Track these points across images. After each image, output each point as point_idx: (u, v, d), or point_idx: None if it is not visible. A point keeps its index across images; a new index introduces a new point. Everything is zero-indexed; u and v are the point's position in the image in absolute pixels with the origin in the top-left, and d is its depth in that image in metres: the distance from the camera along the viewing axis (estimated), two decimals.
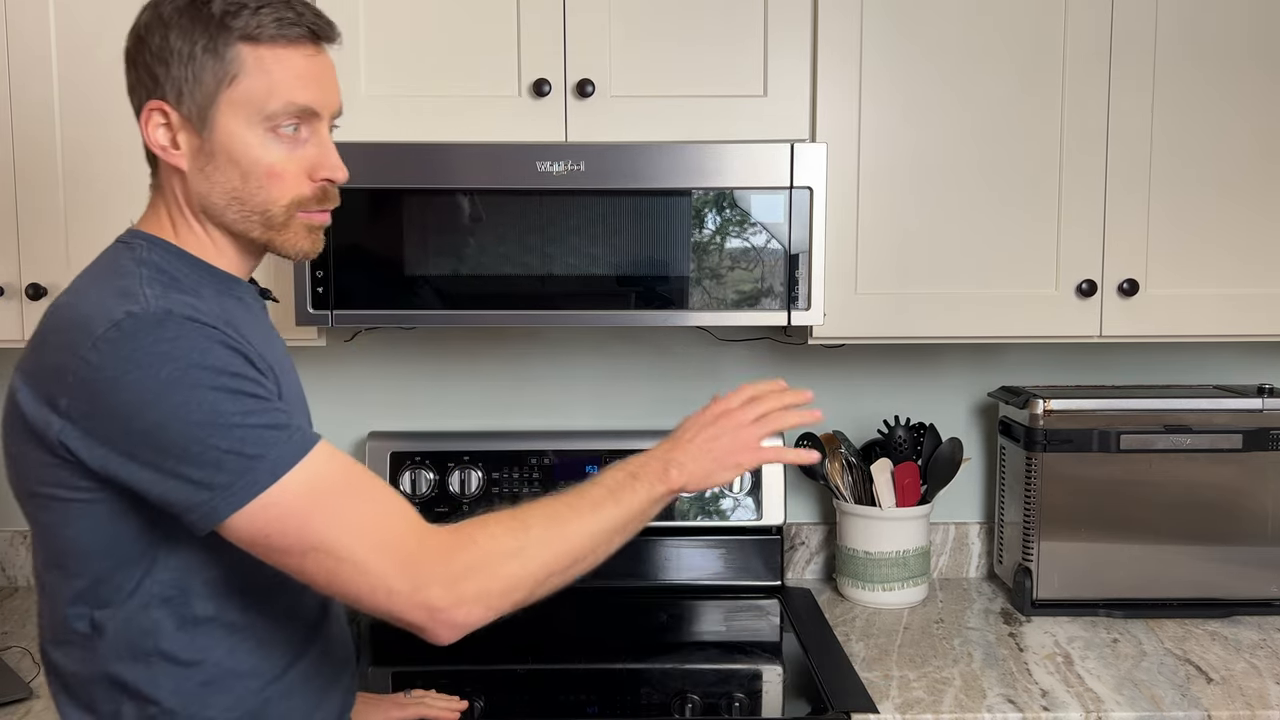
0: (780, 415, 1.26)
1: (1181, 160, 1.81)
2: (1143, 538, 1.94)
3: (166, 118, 1.11)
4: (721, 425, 1.24)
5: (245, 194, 1.13)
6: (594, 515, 1.15)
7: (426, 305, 1.74)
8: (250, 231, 1.15)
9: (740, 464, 1.25)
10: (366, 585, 1.06)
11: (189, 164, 1.12)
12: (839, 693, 1.61)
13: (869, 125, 1.80)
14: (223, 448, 1.02)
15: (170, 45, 1.09)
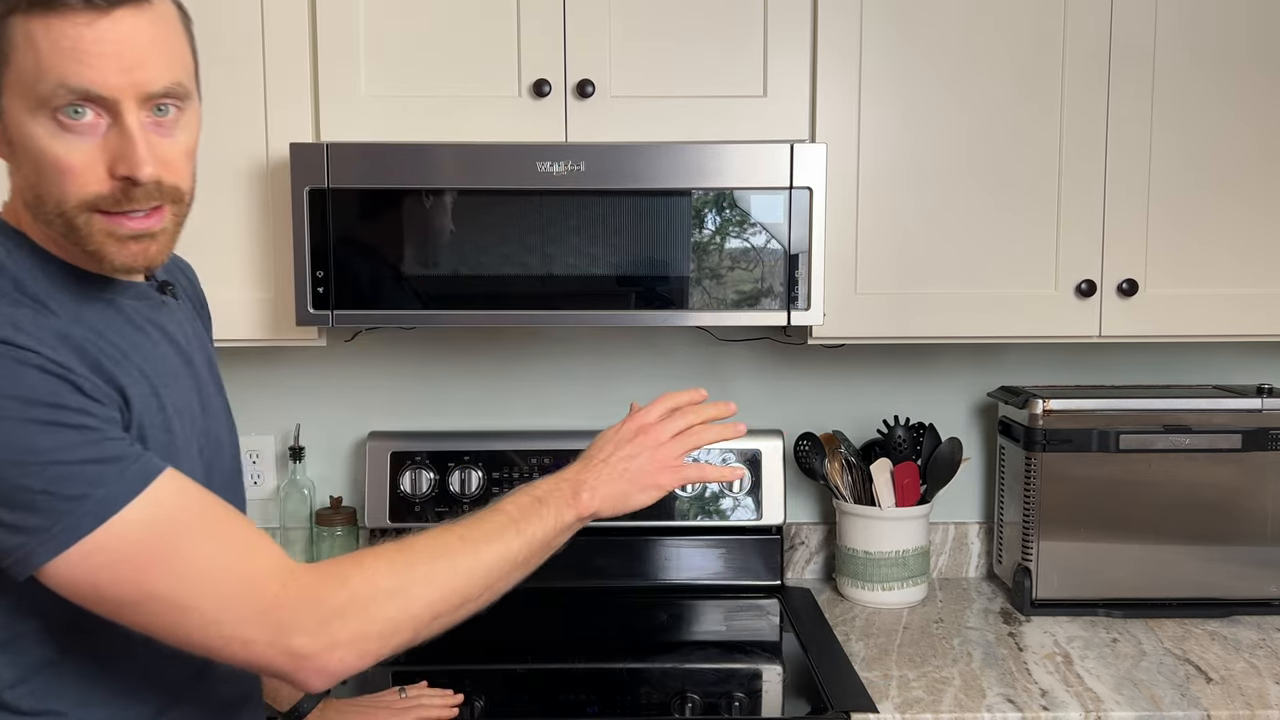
0: (701, 431, 1.19)
1: (1180, 160, 1.82)
2: (1142, 537, 1.94)
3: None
4: (639, 443, 1.17)
5: (42, 190, 0.97)
6: (489, 547, 1.06)
7: (427, 305, 1.74)
8: (67, 236, 0.98)
9: (659, 485, 1.17)
10: (219, 637, 0.94)
11: (4, 155, 0.99)
12: (839, 692, 1.62)
13: (869, 126, 1.80)
14: (35, 488, 0.89)
15: None
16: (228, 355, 2.13)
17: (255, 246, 1.79)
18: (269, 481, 2.18)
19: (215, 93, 1.76)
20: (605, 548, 2.09)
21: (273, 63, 1.75)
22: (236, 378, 2.16)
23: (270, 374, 2.17)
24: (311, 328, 1.79)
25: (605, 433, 1.19)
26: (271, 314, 1.80)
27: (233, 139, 1.77)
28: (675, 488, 1.18)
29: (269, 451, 2.17)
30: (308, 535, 2.13)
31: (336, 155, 1.69)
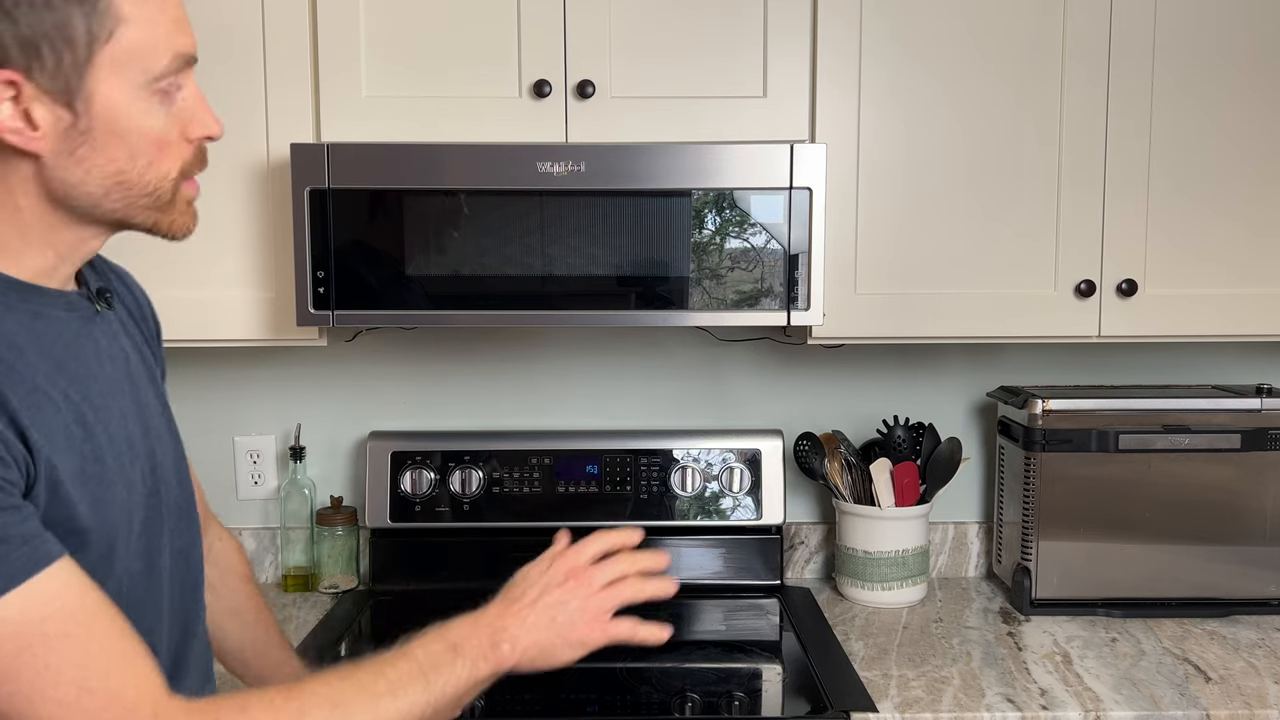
0: (635, 585, 1.07)
1: (1180, 161, 1.82)
2: (1141, 537, 1.94)
3: (17, 90, 0.86)
4: (569, 589, 1.04)
5: (132, 175, 0.91)
6: (391, 701, 0.93)
7: (427, 305, 1.74)
8: (133, 218, 0.94)
9: (586, 642, 1.04)
10: None
11: (51, 147, 0.88)
12: (838, 692, 1.62)
13: (868, 126, 1.80)
14: None
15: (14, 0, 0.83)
16: (228, 355, 2.14)
17: (256, 246, 1.79)
18: (269, 481, 2.18)
19: (216, 93, 1.76)
20: None
21: (273, 63, 1.75)
22: (237, 378, 2.16)
23: (271, 374, 2.17)
24: (312, 328, 1.79)
25: (529, 570, 1.07)
26: (272, 314, 1.80)
27: (233, 139, 1.76)
28: (600, 647, 1.05)
29: (269, 451, 2.18)
30: (308, 535, 2.13)
31: (337, 155, 1.70)
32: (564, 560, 1.06)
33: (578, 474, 2.09)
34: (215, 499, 2.19)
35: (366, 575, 2.15)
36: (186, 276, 1.79)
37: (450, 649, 0.99)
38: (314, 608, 2.03)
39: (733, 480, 2.09)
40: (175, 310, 1.78)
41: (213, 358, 2.15)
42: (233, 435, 2.17)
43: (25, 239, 0.92)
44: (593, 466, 2.09)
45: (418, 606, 2.03)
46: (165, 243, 1.80)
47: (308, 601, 2.07)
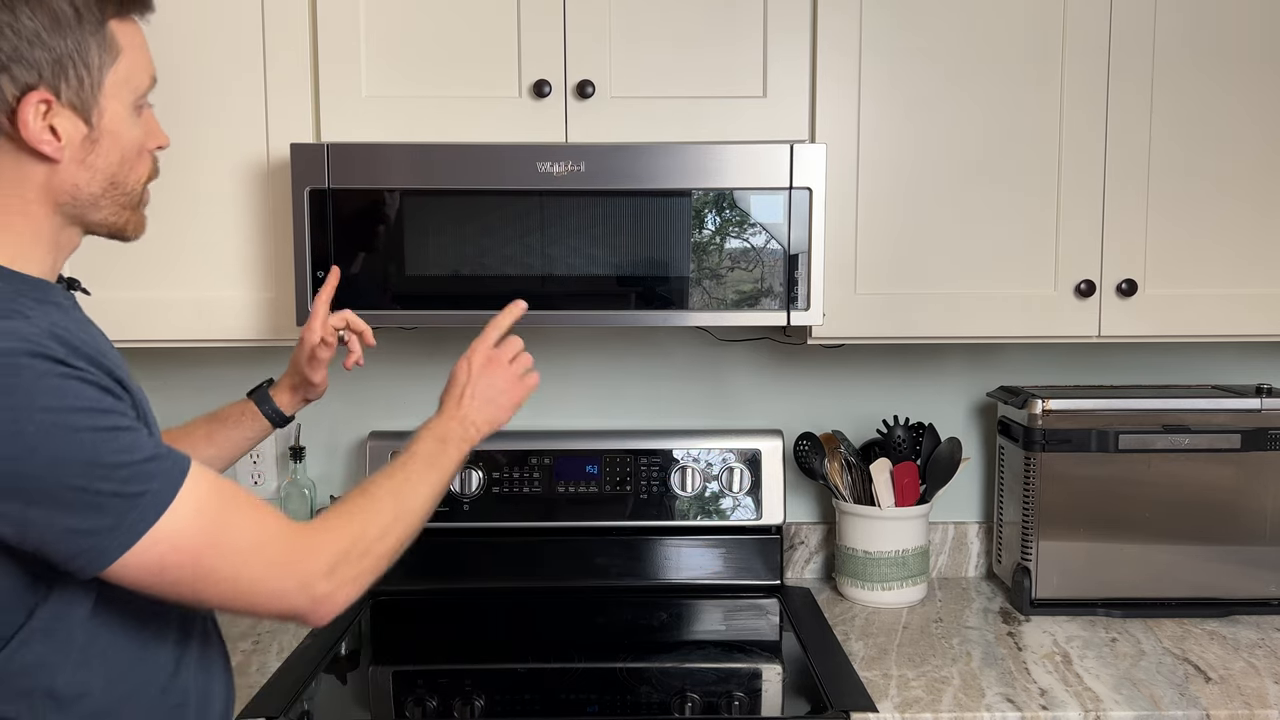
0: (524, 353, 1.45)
1: (1180, 161, 1.82)
2: (1141, 537, 1.94)
3: (48, 106, 1.01)
4: (490, 372, 1.39)
5: (121, 177, 1.09)
6: (424, 484, 1.26)
7: (427, 305, 1.74)
8: (112, 218, 1.10)
9: (516, 403, 1.41)
10: (263, 596, 1.07)
11: (68, 154, 1.04)
12: (838, 692, 1.62)
13: (868, 126, 1.80)
14: (106, 491, 0.96)
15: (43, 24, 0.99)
16: (228, 355, 2.14)
17: (255, 246, 1.79)
18: (270, 481, 2.18)
19: (216, 93, 1.77)
20: (605, 547, 2.09)
21: (273, 63, 1.75)
22: (236, 377, 2.16)
23: (270, 374, 2.16)
24: None
25: (458, 371, 1.39)
26: (271, 314, 1.80)
27: (233, 139, 1.77)
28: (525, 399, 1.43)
29: (270, 451, 2.18)
30: None
31: (337, 156, 1.70)
32: (479, 351, 1.40)
33: (578, 474, 2.09)
34: None
35: None
36: (187, 277, 1.79)
37: (440, 441, 1.32)
38: None
39: (733, 480, 2.09)
40: (175, 310, 1.79)
41: (213, 358, 2.15)
42: None
43: (37, 241, 1.06)
44: (593, 466, 2.09)
45: (418, 606, 2.03)
46: (165, 244, 1.81)
47: None
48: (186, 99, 1.76)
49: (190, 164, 1.76)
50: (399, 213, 1.72)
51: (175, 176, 1.76)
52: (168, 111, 1.76)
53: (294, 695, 1.62)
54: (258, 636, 1.88)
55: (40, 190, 1.04)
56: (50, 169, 1.04)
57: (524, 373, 1.43)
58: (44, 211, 1.06)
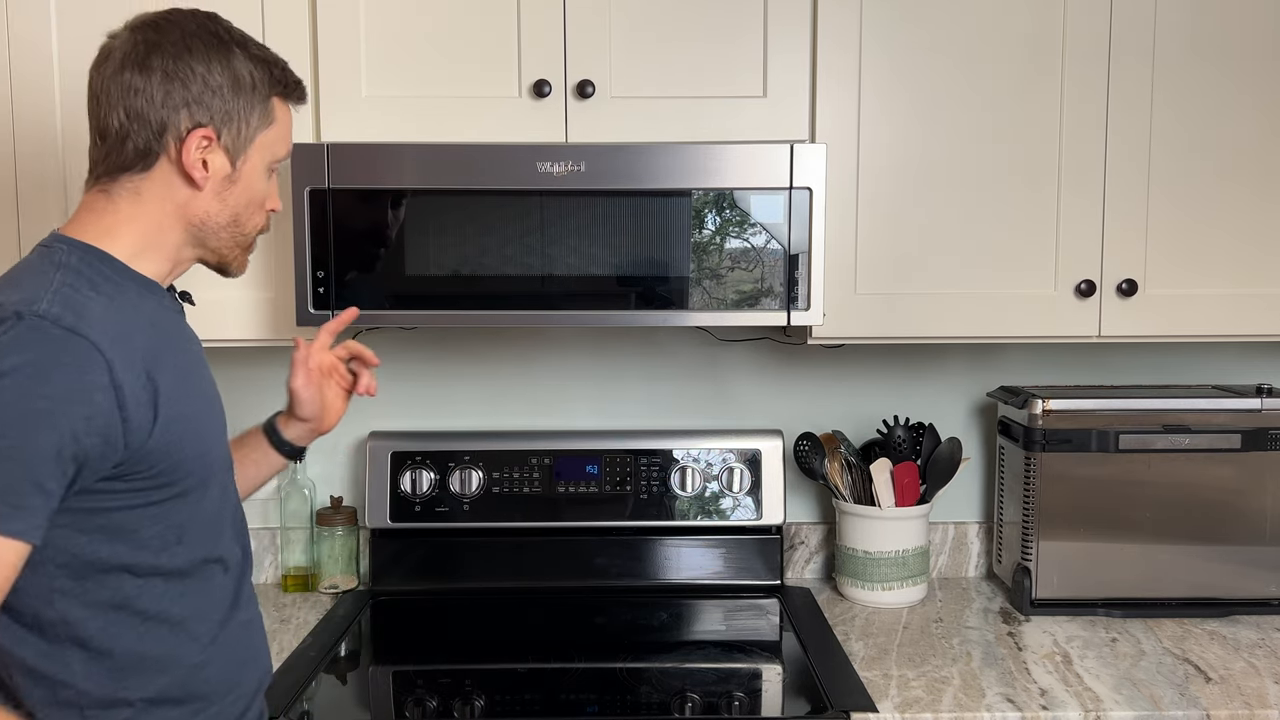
0: None
1: (1180, 161, 1.82)
2: (1141, 537, 1.94)
3: (209, 143, 1.19)
4: None
5: (244, 219, 1.26)
6: None
7: (427, 305, 1.74)
8: (225, 250, 1.27)
9: None
10: None
11: (210, 186, 1.21)
12: (838, 692, 1.62)
13: (868, 126, 1.80)
14: None
15: (226, 82, 1.20)
16: (228, 355, 2.14)
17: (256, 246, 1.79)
18: (270, 481, 2.18)
19: None
20: (605, 547, 2.09)
21: None
22: (236, 377, 2.16)
23: (270, 374, 2.17)
24: (312, 328, 1.79)
25: None
26: (272, 314, 1.80)
27: None
28: None
29: None
30: (308, 535, 2.13)
31: (337, 155, 1.70)
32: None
33: (578, 474, 2.09)
34: None
35: (366, 575, 2.16)
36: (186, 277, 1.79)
37: None
38: (314, 608, 2.03)
39: (733, 480, 2.09)
40: None
41: (213, 358, 2.14)
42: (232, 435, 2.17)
43: (160, 248, 1.22)
44: (593, 466, 2.09)
45: (417, 606, 2.03)
46: None
47: (308, 601, 2.07)
48: None
49: None
50: (399, 213, 1.72)
51: None
52: None
53: (294, 695, 1.62)
54: None
55: (179, 209, 1.21)
56: (192, 194, 1.21)
57: None
58: (176, 227, 1.22)
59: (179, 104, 1.18)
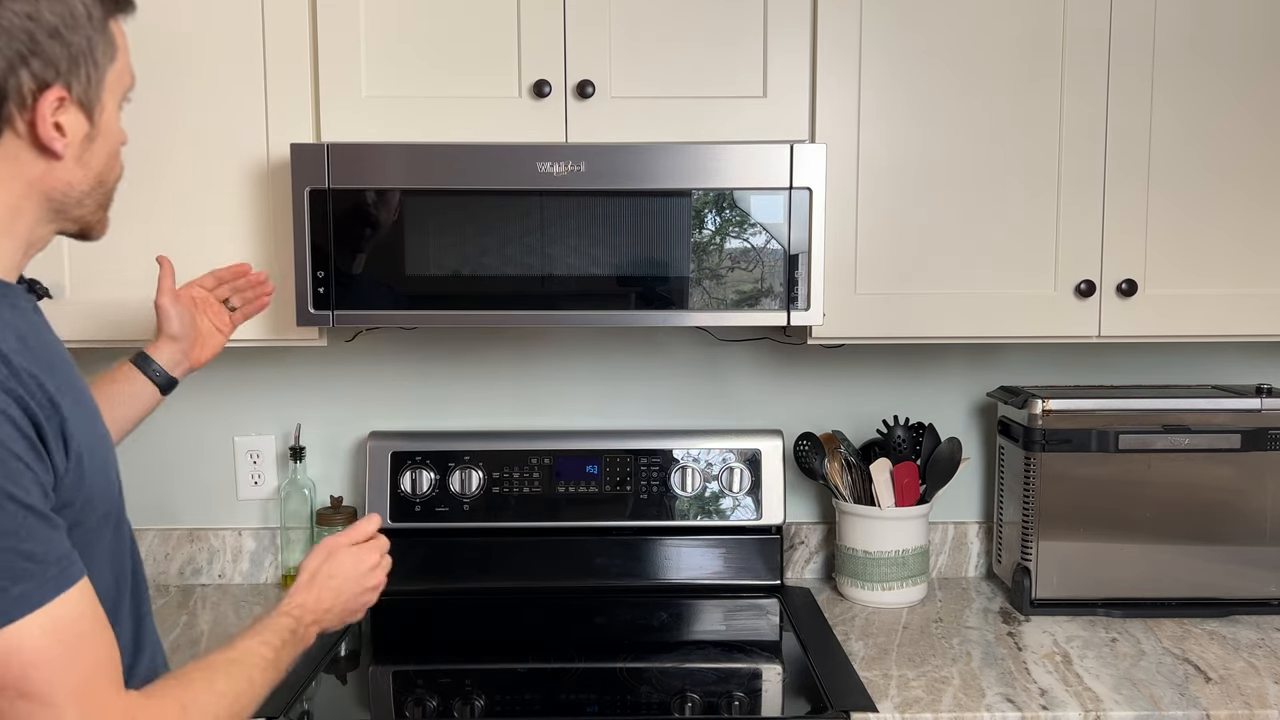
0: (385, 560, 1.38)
1: (1180, 161, 1.82)
2: (1141, 537, 1.94)
3: (61, 103, 0.99)
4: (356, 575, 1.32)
5: (107, 175, 1.07)
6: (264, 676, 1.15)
7: (427, 305, 1.74)
8: (90, 216, 1.08)
9: (368, 605, 1.34)
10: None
11: (70, 152, 1.01)
12: (838, 691, 1.62)
13: (868, 126, 1.80)
14: None
15: (60, 19, 0.97)
16: (228, 355, 2.14)
17: (255, 247, 1.79)
18: (269, 481, 2.18)
19: (216, 93, 1.77)
20: (605, 548, 2.09)
21: (273, 63, 1.75)
22: (237, 378, 2.16)
23: (271, 374, 2.17)
24: (312, 328, 1.79)
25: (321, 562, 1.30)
26: (272, 314, 1.80)
27: (233, 139, 1.77)
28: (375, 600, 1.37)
29: (269, 451, 2.18)
30: (308, 535, 2.13)
31: (337, 155, 1.70)
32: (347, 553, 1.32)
33: (578, 474, 2.09)
34: (215, 499, 2.20)
35: None
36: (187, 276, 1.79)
37: (292, 634, 1.20)
38: None
39: (733, 480, 2.09)
40: None
41: None
42: (233, 435, 2.17)
43: (11, 236, 1.02)
44: (593, 466, 2.09)
45: (418, 606, 2.03)
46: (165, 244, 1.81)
47: None
48: (187, 99, 1.76)
49: (190, 164, 1.76)
50: (399, 213, 1.72)
51: (176, 177, 1.76)
52: (168, 112, 1.77)
53: (294, 695, 1.62)
54: None
55: (32, 185, 1.01)
56: (48, 165, 1.01)
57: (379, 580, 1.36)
58: (30, 206, 1.02)
59: (14, 61, 0.95)
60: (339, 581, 1.29)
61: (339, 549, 1.31)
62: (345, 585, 1.30)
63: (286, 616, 1.21)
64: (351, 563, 1.32)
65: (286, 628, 1.20)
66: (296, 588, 1.27)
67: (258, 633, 1.16)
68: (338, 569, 1.30)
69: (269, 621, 1.19)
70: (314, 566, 1.29)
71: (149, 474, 2.16)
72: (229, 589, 2.14)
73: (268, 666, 1.15)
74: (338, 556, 1.31)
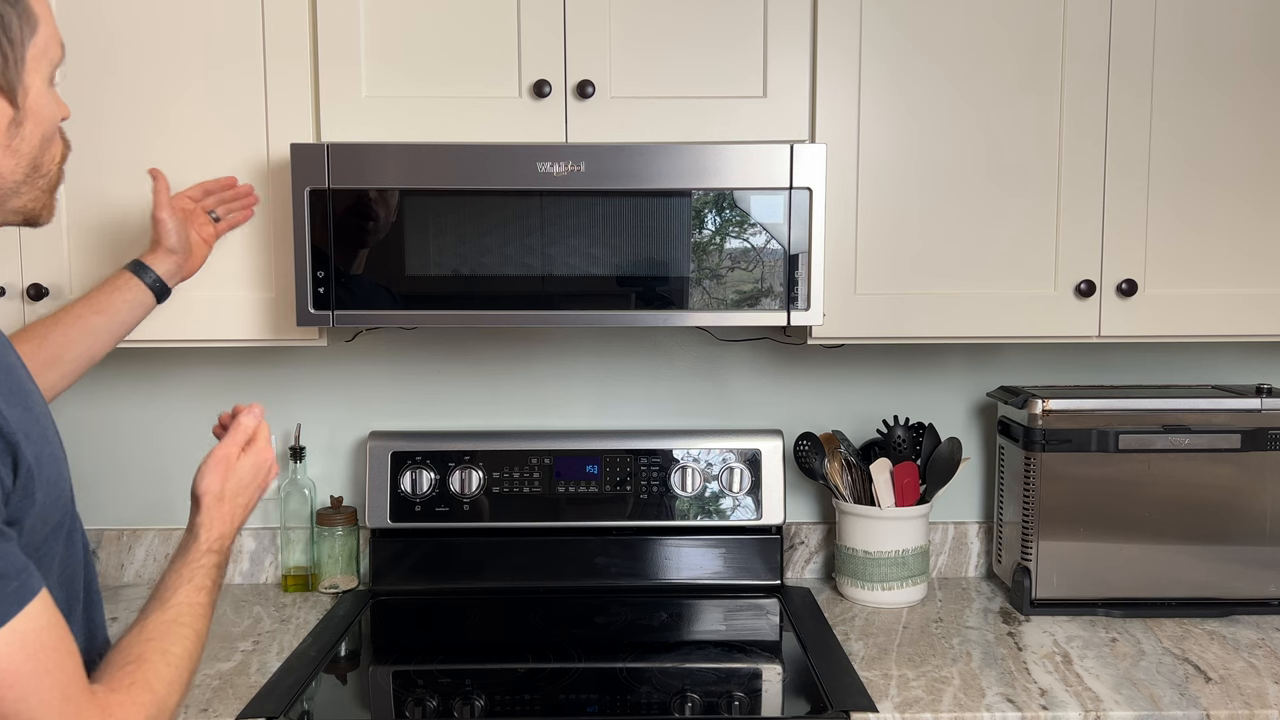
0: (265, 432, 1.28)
1: (1180, 161, 1.82)
2: (1141, 537, 1.94)
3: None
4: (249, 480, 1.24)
5: (43, 160, 0.99)
6: (205, 623, 1.13)
7: (427, 305, 1.74)
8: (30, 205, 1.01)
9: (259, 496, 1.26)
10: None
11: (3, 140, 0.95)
12: (838, 691, 1.62)
13: (868, 126, 1.80)
14: None
15: None
16: (228, 355, 2.14)
17: (256, 246, 1.79)
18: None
19: (216, 93, 1.77)
20: (605, 547, 2.09)
21: (273, 63, 1.75)
22: (237, 378, 2.16)
23: (270, 374, 2.17)
24: (312, 328, 1.79)
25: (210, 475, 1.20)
26: (272, 314, 1.80)
27: (233, 139, 1.77)
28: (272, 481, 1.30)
29: None
30: (308, 535, 2.13)
31: (337, 156, 1.70)
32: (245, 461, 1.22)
33: (578, 474, 2.09)
34: None
35: (366, 575, 2.16)
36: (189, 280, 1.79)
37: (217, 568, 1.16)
38: (314, 608, 2.03)
39: (733, 480, 2.09)
40: (175, 310, 1.79)
41: (213, 358, 2.15)
42: None
43: None
44: (593, 466, 2.09)
45: (418, 606, 2.03)
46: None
47: (308, 601, 2.07)
48: (186, 99, 1.76)
49: (190, 164, 1.76)
50: (399, 213, 1.72)
51: (176, 176, 1.76)
52: (168, 111, 1.77)
53: (294, 695, 1.62)
54: (258, 636, 1.88)
55: None
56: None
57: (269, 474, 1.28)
58: None
59: None
60: (246, 496, 1.23)
61: (232, 459, 1.22)
62: (252, 494, 1.24)
63: (211, 554, 1.16)
64: (251, 470, 1.24)
65: (214, 564, 1.16)
66: (208, 516, 1.18)
67: (188, 578, 1.12)
68: (241, 482, 1.22)
69: (195, 563, 1.14)
70: (217, 488, 1.19)
71: (149, 474, 2.16)
72: (229, 589, 2.14)
73: (206, 612, 1.12)
74: (238, 469, 1.22)
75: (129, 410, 2.15)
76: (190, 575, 1.12)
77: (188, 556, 1.15)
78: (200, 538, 1.16)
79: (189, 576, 1.12)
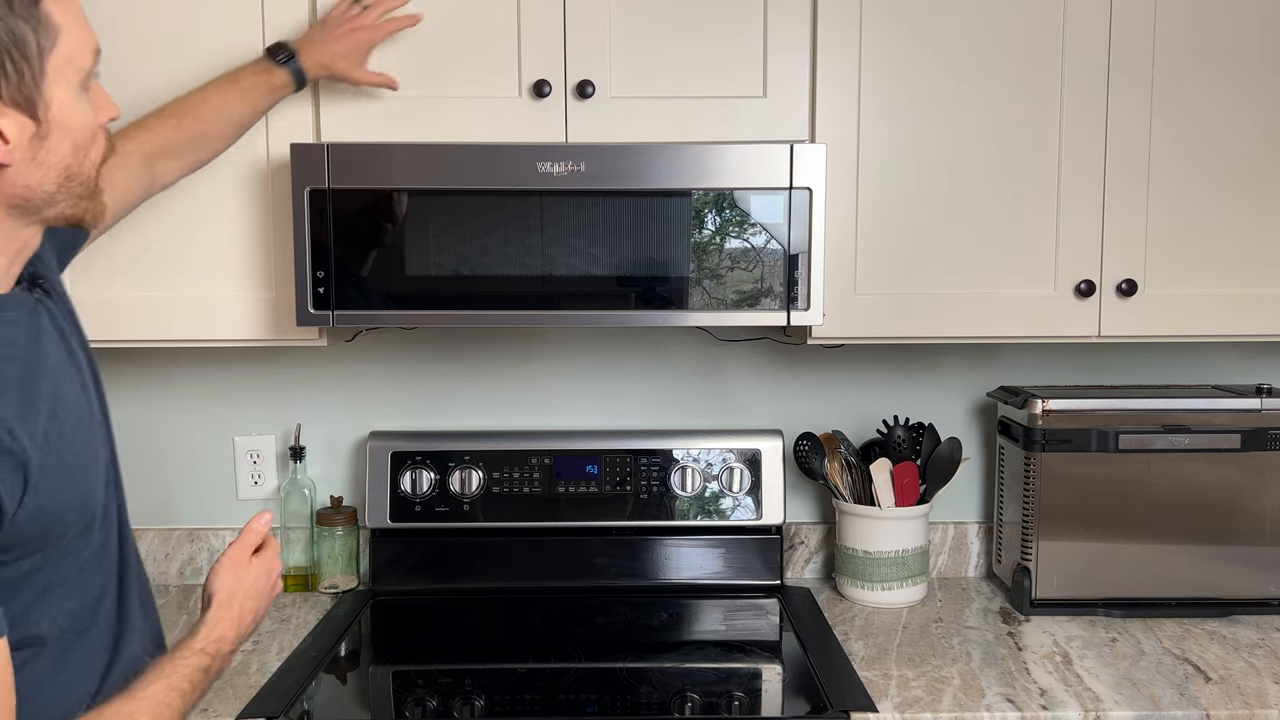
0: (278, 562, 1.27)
1: (1180, 161, 1.82)
2: (1141, 537, 1.94)
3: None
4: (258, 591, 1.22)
5: (76, 167, 0.99)
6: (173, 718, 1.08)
7: (427, 305, 1.74)
8: (69, 210, 1.02)
9: (267, 611, 1.26)
10: None
11: (18, 156, 0.95)
12: (838, 691, 1.62)
13: (868, 126, 1.80)
14: None
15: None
16: (228, 355, 2.14)
17: (256, 246, 1.79)
18: (270, 481, 2.18)
19: None
20: (605, 547, 2.09)
21: None
22: (237, 378, 2.16)
23: (271, 374, 2.17)
24: (312, 328, 1.79)
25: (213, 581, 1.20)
26: (272, 314, 1.80)
27: None
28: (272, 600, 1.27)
29: (270, 451, 2.18)
30: (308, 535, 2.13)
31: (337, 155, 1.70)
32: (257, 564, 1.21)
33: (578, 474, 2.09)
34: (215, 499, 2.20)
35: (366, 575, 2.16)
36: (187, 277, 1.79)
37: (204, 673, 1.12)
38: (314, 608, 2.03)
39: (733, 480, 2.09)
40: (175, 310, 1.79)
41: (213, 358, 2.15)
42: (233, 435, 2.18)
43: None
44: (593, 466, 2.09)
45: (418, 606, 2.04)
46: (165, 244, 1.81)
47: (308, 601, 2.07)
48: None
49: None
50: (399, 213, 1.72)
51: None
52: None
53: (294, 695, 1.62)
54: (258, 637, 1.88)
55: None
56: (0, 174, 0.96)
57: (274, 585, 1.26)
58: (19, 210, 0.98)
59: None
60: (256, 601, 1.21)
61: (242, 563, 1.21)
62: (260, 602, 1.22)
63: (201, 655, 1.12)
64: (264, 574, 1.22)
65: (199, 667, 1.11)
66: (215, 615, 1.16)
67: (167, 674, 1.08)
68: (251, 586, 1.20)
69: (180, 660, 1.10)
70: (230, 586, 1.18)
71: (149, 474, 2.16)
72: None
73: (174, 715, 1.06)
74: (251, 569, 1.21)
75: (129, 410, 2.15)
76: (170, 672, 1.08)
77: (176, 652, 1.12)
78: (197, 635, 1.14)
79: (168, 673, 1.08)
